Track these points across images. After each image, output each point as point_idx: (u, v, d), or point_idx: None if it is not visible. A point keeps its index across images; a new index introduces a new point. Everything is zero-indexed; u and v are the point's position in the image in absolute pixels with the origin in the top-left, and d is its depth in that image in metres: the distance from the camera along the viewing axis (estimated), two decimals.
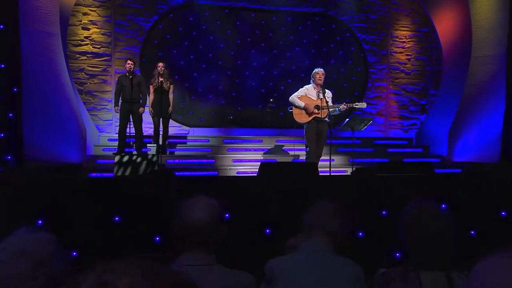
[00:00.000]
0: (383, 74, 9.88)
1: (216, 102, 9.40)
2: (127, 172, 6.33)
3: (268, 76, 9.60)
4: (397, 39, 9.95)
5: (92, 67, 8.31)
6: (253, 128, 9.14)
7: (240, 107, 9.52)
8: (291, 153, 7.70)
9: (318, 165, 6.32)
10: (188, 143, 8.19)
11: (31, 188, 4.26)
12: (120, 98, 7.13)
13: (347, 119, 6.18)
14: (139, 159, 6.45)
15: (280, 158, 7.48)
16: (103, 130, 8.27)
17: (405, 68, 9.96)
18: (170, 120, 8.81)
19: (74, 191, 4.47)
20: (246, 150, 7.93)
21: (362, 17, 9.79)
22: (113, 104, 7.25)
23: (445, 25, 9.09)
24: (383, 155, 8.30)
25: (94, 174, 6.59)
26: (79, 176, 6.51)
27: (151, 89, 7.24)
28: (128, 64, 7.05)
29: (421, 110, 10.03)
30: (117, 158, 6.41)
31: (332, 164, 7.52)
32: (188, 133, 8.95)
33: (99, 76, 8.30)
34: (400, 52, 9.96)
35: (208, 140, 8.28)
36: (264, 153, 7.87)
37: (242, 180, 4.98)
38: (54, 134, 6.49)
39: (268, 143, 8.20)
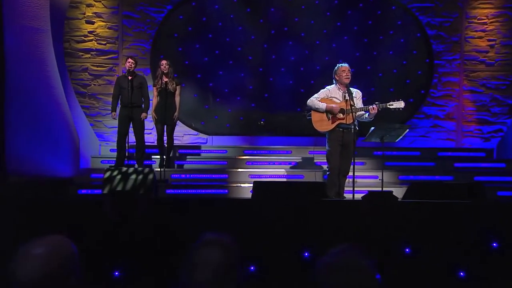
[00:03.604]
0: (454, 67, 9.05)
1: (246, 105, 9.19)
2: (118, 190, 6.30)
3: (309, 73, 9.21)
4: (475, 20, 9.08)
5: (97, 66, 8.48)
6: (287, 136, 8.79)
7: (274, 110, 9.23)
8: (325, 167, 7.25)
9: (346, 183, 5.89)
10: (202, 155, 8.06)
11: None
12: (119, 102, 7.16)
13: (373, 128, 5.65)
14: (131, 174, 6.40)
15: (308, 175, 7.08)
16: (109, 139, 8.39)
17: (486, 58, 9.05)
18: (187, 128, 8.80)
19: (30, 212, 4.49)
20: (269, 163, 7.64)
21: None
22: (111, 109, 7.29)
23: None
24: (447, 171, 7.57)
25: (84, 191, 6.65)
26: (66, 194, 6.62)
27: (155, 92, 7.20)
28: (129, 62, 7.05)
29: (510, 112, 9.06)
30: (107, 173, 6.41)
31: (375, 182, 7.02)
32: (205, 142, 8.83)
33: (105, 77, 8.45)
34: (480, 37, 9.07)
35: (226, 151, 8.09)
36: (290, 167, 7.52)
37: (231, 204, 4.69)
38: (42, 144, 6.62)
39: (298, 154, 7.83)
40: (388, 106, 5.64)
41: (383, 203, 4.19)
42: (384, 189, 6.79)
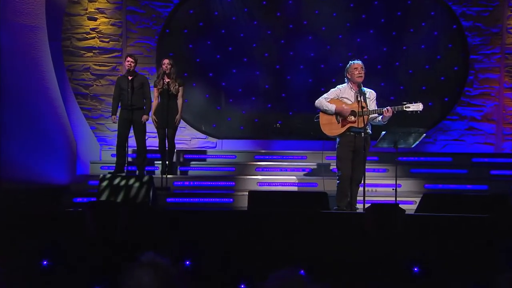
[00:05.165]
0: (494, 62, 8.74)
1: (261, 105, 9.14)
2: (115, 198, 6.33)
3: (330, 70, 9.04)
4: None
5: (100, 65, 8.55)
6: (304, 140, 8.64)
7: (292, 111, 9.12)
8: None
9: (358, 192, 5.73)
10: (209, 160, 8.03)
11: None
12: (119, 104, 7.20)
13: (384, 132, 5.47)
14: (127, 183, 6.41)
15: (322, 183, 6.92)
16: (112, 143, 8.43)
17: None
18: (195, 131, 8.80)
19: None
20: (280, 169, 7.54)
21: None
22: (111, 112, 7.34)
23: None
24: (481, 179, 7.29)
25: (80, 199, 6.71)
26: (59, 202, 6.71)
27: (155, 93, 7.19)
28: (128, 61, 7.05)
29: None
30: (102, 180, 6.45)
31: (398, 191, 6.82)
32: (215, 147, 8.80)
33: (107, 77, 8.51)
34: None
35: (235, 156, 8.04)
36: (304, 174, 7.41)
37: (221, 216, 4.62)
38: (36, 149, 6.74)
39: (314, 160, 7.67)
40: (404, 109, 5.47)
41: (388, 217, 4.03)
42: (407, 199, 6.64)
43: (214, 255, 4.25)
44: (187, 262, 4.28)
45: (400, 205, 5.83)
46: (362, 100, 5.53)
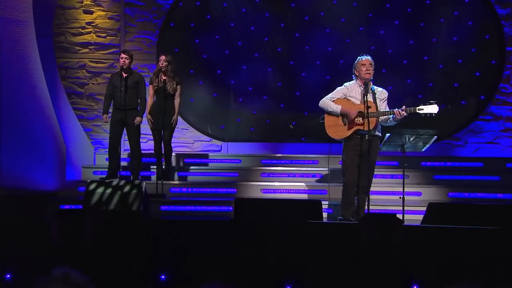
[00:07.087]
0: None
1: (273, 105, 9.07)
2: (103, 206, 6.36)
3: (350, 66, 8.81)
4: None
5: (96, 62, 8.62)
6: (318, 143, 8.51)
7: (307, 111, 9.01)
8: None
9: (365, 200, 5.59)
10: (210, 165, 8.01)
11: None
12: (112, 104, 7.25)
13: (388, 135, 5.32)
14: (119, 188, 6.43)
15: (332, 190, 6.80)
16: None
17: None
18: (199, 133, 8.79)
19: None
20: (288, 175, 7.46)
21: None
22: (102, 111, 7.39)
23: None
24: None
25: (68, 207, 6.76)
26: (45, 210, 6.76)
27: (151, 91, 7.20)
28: (122, 58, 7.08)
29: None
30: (89, 186, 6.49)
31: (418, 201, 6.70)
32: (219, 150, 8.77)
33: (104, 74, 8.55)
34: None
35: (240, 161, 8.00)
36: (315, 181, 7.32)
37: (202, 226, 4.56)
38: (22, 153, 6.84)
39: (326, 165, 7.51)
40: (417, 111, 5.32)
41: (384, 228, 3.91)
42: (422, 209, 6.45)
43: (192, 269, 4.21)
44: (163, 276, 4.25)
45: (409, 215, 5.72)
46: (370, 99, 5.43)
